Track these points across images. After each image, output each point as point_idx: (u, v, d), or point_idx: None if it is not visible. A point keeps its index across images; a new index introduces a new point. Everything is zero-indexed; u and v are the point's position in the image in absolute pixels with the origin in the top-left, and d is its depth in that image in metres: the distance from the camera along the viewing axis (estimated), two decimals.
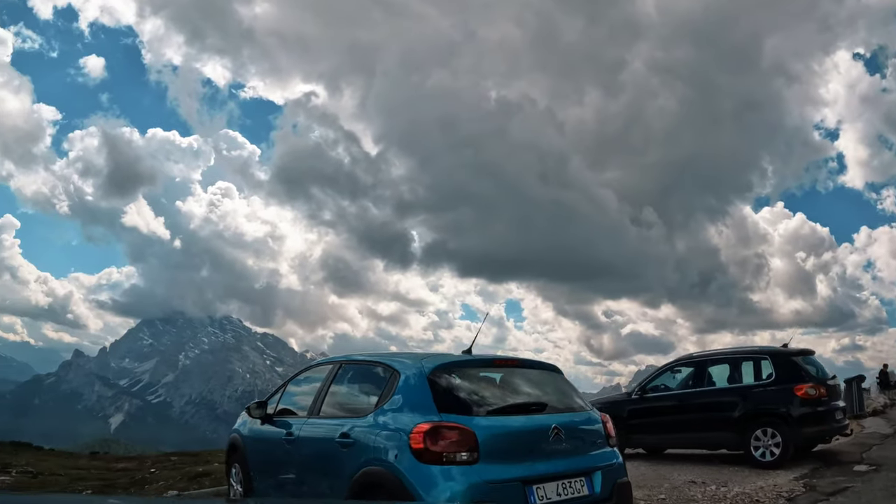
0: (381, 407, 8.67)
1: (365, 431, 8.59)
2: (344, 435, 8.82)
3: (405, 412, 8.35)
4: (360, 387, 10.03)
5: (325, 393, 10.10)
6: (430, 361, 8.84)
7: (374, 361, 9.87)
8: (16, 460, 34.78)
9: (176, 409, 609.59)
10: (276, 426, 10.85)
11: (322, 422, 9.72)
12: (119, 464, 36.72)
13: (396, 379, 8.77)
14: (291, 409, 10.97)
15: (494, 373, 9.32)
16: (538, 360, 9.90)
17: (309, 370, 11.62)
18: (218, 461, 28.76)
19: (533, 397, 9.07)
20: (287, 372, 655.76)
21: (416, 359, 9.08)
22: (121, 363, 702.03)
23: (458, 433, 7.88)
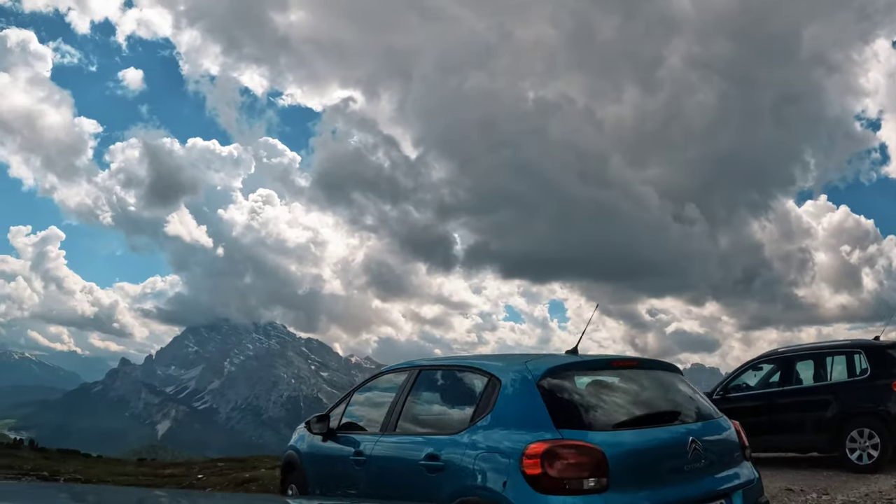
0: (479, 422, 7.29)
1: (459, 452, 7.22)
2: (431, 457, 7.52)
3: (511, 428, 6.96)
4: (447, 397, 8.73)
5: (401, 405, 8.70)
6: (536, 364, 7.46)
7: (464, 366, 8.54)
8: (64, 467, 34.36)
9: (222, 415, 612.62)
10: (340, 443, 9.53)
11: (400, 440, 8.44)
12: (166, 470, 35.99)
13: (495, 387, 7.38)
14: (358, 424, 9.71)
15: (608, 376, 7.87)
16: (657, 359, 8.34)
17: (378, 378, 10.23)
18: (265, 467, 28.01)
19: (662, 404, 7.78)
20: (333, 377, 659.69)
21: (516, 362, 7.71)
22: (167, 371, 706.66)
23: (582, 453, 6.46)
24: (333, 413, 10.15)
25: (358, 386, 10.53)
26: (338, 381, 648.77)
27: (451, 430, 7.62)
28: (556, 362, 7.52)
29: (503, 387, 7.33)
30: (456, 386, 8.56)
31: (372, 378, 10.32)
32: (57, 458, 44.65)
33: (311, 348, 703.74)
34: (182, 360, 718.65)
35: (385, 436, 8.64)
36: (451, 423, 8.02)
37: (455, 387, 8.57)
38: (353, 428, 9.61)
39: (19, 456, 48.97)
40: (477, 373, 8.00)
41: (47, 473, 32.23)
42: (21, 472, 33.74)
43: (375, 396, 9.89)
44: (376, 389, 10.02)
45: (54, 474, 30.58)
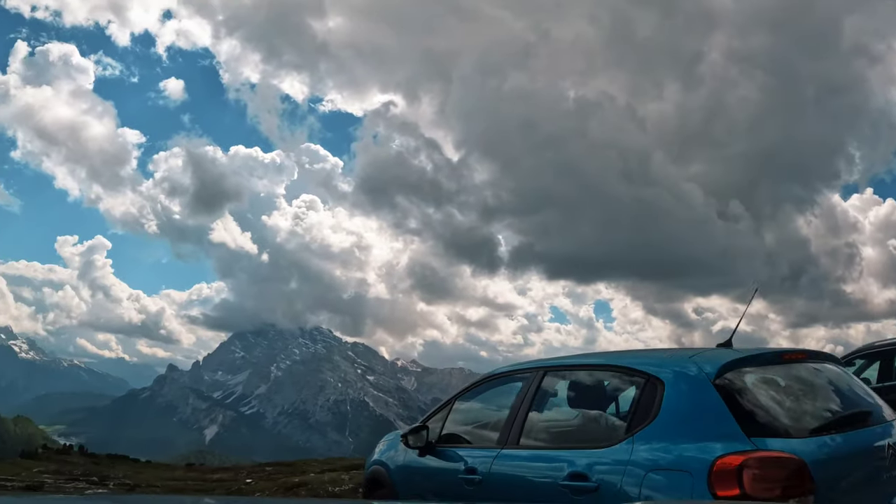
0: (639, 431, 5.96)
1: (616, 469, 5.89)
2: (577, 475, 6.15)
3: (686, 439, 5.72)
4: (586, 403, 7.51)
5: (524, 414, 7.40)
6: (705, 360, 6.28)
7: (606, 366, 7.42)
8: (113, 472, 33.96)
9: (269, 419, 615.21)
10: (444, 459, 8.28)
11: (529, 455, 7.13)
12: (214, 474, 35.37)
13: (656, 389, 6.08)
14: (464, 437, 8.45)
15: (777, 373, 6.58)
16: (821, 350, 7.12)
17: (486, 383, 8.79)
18: (313, 471, 27.33)
19: (851, 404, 6.49)
20: (379, 381, 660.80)
21: (677, 359, 6.57)
22: (214, 376, 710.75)
23: (783, 466, 5.32)
24: (432, 423, 8.82)
25: (460, 392, 9.18)
26: (384, 385, 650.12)
27: (600, 443, 6.32)
28: (728, 357, 6.31)
29: (668, 388, 6.09)
30: (598, 389, 7.47)
31: (478, 383, 8.99)
32: (106, 464, 44.34)
33: (357, 352, 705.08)
34: (229, 365, 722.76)
35: (507, 450, 7.32)
36: (597, 433, 6.89)
37: (597, 390, 7.48)
38: (458, 441, 8.42)
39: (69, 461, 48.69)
40: (627, 373, 6.79)
41: (97, 478, 31.69)
42: (71, 476, 33.25)
43: (485, 404, 8.86)
44: (485, 396, 8.85)
45: (104, 479, 30.06)
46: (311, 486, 21.15)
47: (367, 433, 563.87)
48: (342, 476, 29.34)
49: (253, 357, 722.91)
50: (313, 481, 21.51)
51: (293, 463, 40.20)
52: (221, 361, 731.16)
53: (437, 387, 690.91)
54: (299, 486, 22.67)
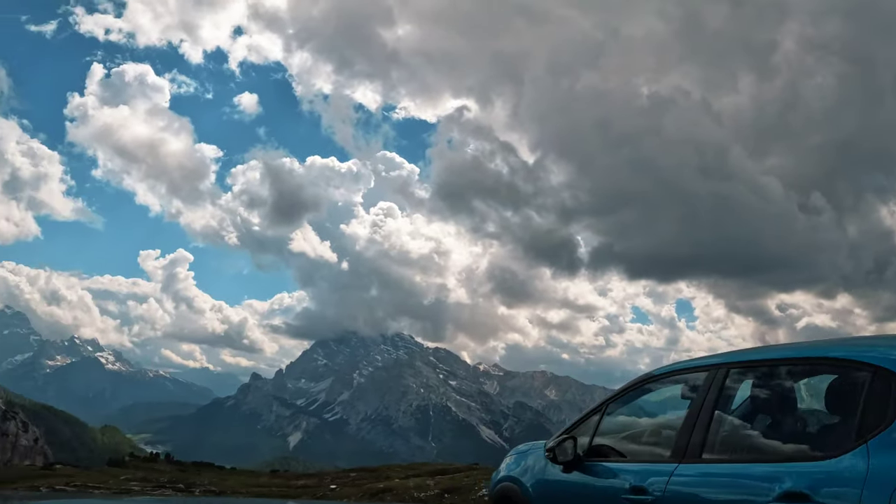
0: (874, 437, 4.76)
1: (848, 486, 4.68)
2: (793, 496, 4.93)
3: None
4: (789, 404, 6.15)
5: (705, 419, 6.18)
6: None
7: (811, 358, 5.97)
8: (199, 479, 34.20)
9: (352, 425, 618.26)
10: (598, 475, 7.10)
11: (721, 470, 5.86)
12: (299, 481, 35.39)
13: (891, 382, 4.88)
14: (619, 449, 7.28)
15: None
16: None
17: (647, 384, 7.57)
18: (397, 476, 27.07)
19: None
20: (461, 386, 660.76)
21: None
22: (297, 384, 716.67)
23: None
24: (579, 433, 7.74)
25: (612, 397, 7.94)
26: (466, 390, 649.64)
27: (820, 453, 5.07)
28: None
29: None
30: (805, 387, 6.22)
31: (633, 385, 7.73)
32: (192, 471, 44.83)
33: (439, 357, 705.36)
34: (312, 373, 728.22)
35: (686, 464, 6.08)
36: (814, 441, 5.64)
37: (803, 388, 6.21)
38: (612, 454, 7.27)
39: (156, 469, 49.36)
40: (841, 365, 5.49)
41: (183, 486, 31.89)
42: (158, 484, 33.51)
43: (644, 410, 7.82)
44: (644, 400, 7.71)
45: (190, 486, 30.23)
46: (395, 491, 20.99)
47: (450, 438, 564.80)
48: (427, 481, 29.22)
49: (335, 364, 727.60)
50: (398, 487, 21.33)
51: (377, 468, 40.14)
52: (304, 369, 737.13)
53: (520, 390, 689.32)
54: (384, 491, 22.51)
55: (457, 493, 36.94)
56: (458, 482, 54.46)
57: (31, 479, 77.04)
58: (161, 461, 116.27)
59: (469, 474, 60.43)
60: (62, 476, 74.67)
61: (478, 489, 53.31)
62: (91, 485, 28.99)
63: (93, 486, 27.59)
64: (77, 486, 34.43)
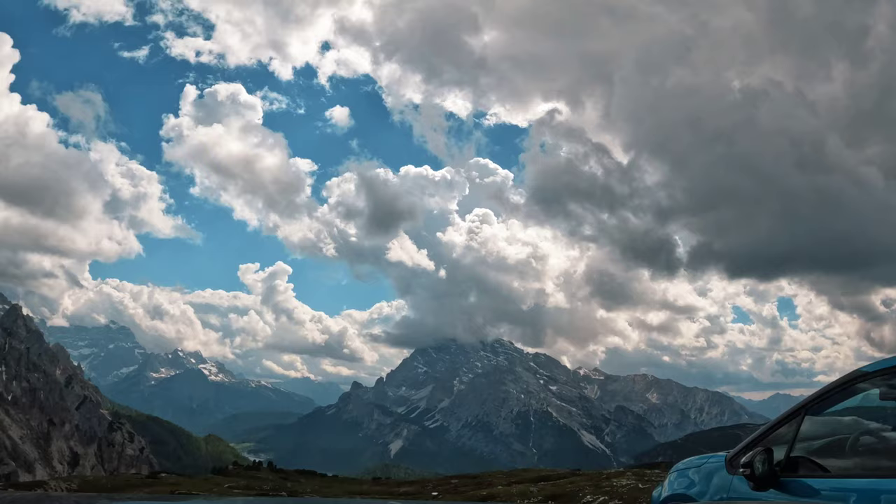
0: None
1: None
2: None
3: None
4: None
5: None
6: None
7: None
8: (301, 487, 34.08)
9: (452, 432, 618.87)
10: (802, 494, 5.90)
11: None
12: (400, 488, 35.09)
13: None
14: (825, 463, 6.04)
15: None
16: None
17: (856, 384, 6.08)
18: (500, 483, 26.53)
19: None
20: (562, 391, 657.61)
21: None
22: (397, 392, 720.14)
23: None
24: (772, 444, 6.58)
25: (813, 399, 6.52)
26: (567, 395, 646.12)
27: None
28: None
29: None
30: None
31: (842, 384, 6.21)
32: (294, 479, 44.90)
33: (539, 363, 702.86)
34: (412, 381, 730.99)
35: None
36: None
37: None
38: (815, 468, 6.06)
39: (258, 477, 49.57)
40: None
41: (286, 493, 31.79)
42: (260, 492, 33.46)
43: (857, 415, 6.33)
44: (855, 402, 6.26)
45: (292, 494, 30.09)
46: (499, 498, 20.56)
47: (551, 444, 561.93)
48: (530, 488, 28.71)
49: (435, 372, 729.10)
50: (501, 494, 20.89)
51: (478, 475, 39.72)
52: (405, 377, 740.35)
53: (620, 394, 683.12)
54: (487, 499, 22.11)
55: (561, 500, 36.31)
56: (562, 488, 53.78)
57: (136, 487, 78.31)
58: (264, 469, 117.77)
59: (572, 480, 59.69)
60: (167, 484, 75.82)
61: (582, 496, 52.53)
62: (195, 492, 28.97)
63: (195, 493, 27.56)
64: (181, 493, 34.53)
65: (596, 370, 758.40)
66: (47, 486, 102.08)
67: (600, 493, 61.58)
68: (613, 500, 55.08)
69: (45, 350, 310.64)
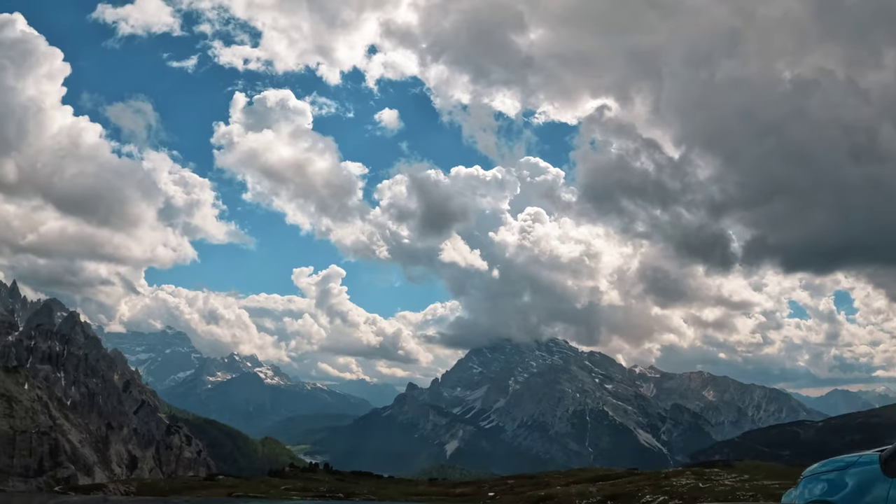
0: None
1: None
2: None
3: None
4: None
5: None
6: None
7: None
8: (357, 489, 34.06)
9: (508, 432, 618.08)
10: None
11: None
12: (456, 489, 34.87)
13: None
14: None
15: None
16: None
17: None
18: (558, 483, 26.13)
19: None
20: (617, 389, 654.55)
21: None
22: (452, 392, 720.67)
23: None
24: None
25: None
26: (622, 393, 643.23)
27: None
28: None
29: None
30: None
31: None
32: (350, 480, 44.81)
33: (594, 361, 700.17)
34: (467, 381, 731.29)
35: None
36: None
37: None
38: None
39: (315, 479, 49.50)
40: None
41: (342, 494, 31.62)
42: (317, 493, 33.33)
43: None
44: None
45: (349, 496, 29.94)
46: (557, 499, 20.18)
47: (607, 443, 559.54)
48: (589, 488, 28.28)
49: (490, 372, 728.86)
50: (559, 494, 20.53)
51: (535, 475, 39.44)
52: (460, 378, 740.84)
53: (677, 392, 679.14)
54: (545, 499, 21.74)
55: (620, 500, 35.83)
56: (621, 488, 53.25)
57: (194, 489, 78.72)
58: (320, 471, 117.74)
59: (631, 480, 59.10)
60: (224, 486, 76.16)
61: (641, 495, 51.88)
62: (252, 494, 28.96)
63: (252, 495, 27.51)
64: (239, 495, 34.53)
65: (651, 368, 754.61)
66: (106, 490, 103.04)
67: (660, 492, 60.87)
68: (673, 500, 54.42)
69: (103, 356, 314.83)
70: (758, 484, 70.32)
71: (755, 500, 56.77)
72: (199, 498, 63.86)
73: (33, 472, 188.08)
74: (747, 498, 61.26)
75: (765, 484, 69.70)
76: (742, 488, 66.94)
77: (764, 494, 61.61)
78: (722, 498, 62.13)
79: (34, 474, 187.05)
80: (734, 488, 67.93)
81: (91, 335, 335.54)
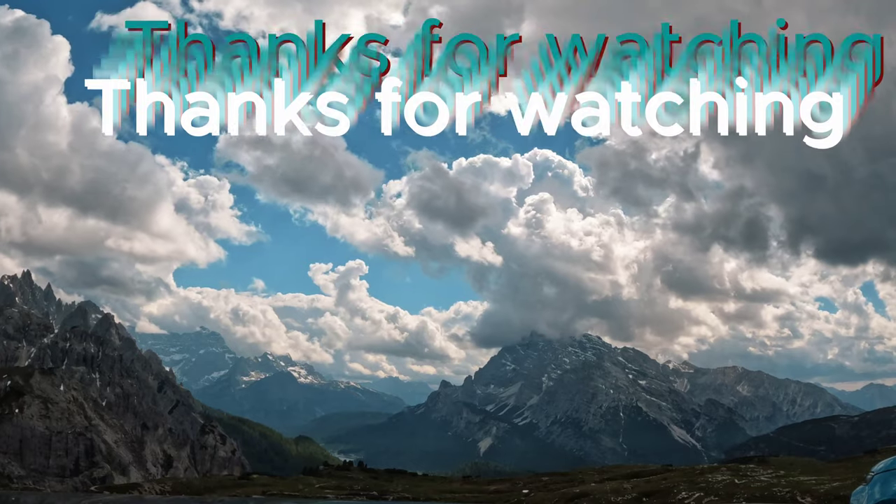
0: None
1: None
2: None
3: None
4: None
5: None
6: None
7: None
8: (391, 487, 34.24)
9: (542, 429, 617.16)
10: None
11: None
12: (491, 486, 34.97)
13: None
14: None
15: None
16: None
17: None
18: (592, 480, 26.19)
19: None
20: (651, 385, 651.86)
21: None
22: (486, 390, 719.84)
23: None
24: None
25: None
26: (656, 389, 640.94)
27: None
28: None
29: None
30: None
31: None
32: (385, 478, 44.99)
33: (628, 357, 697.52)
34: (500, 378, 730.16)
35: None
36: None
37: None
38: None
39: (349, 477, 49.72)
40: None
41: (376, 493, 31.74)
42: (351, 492, 33.48)
43: None
44: None
45: (383, 494, 30.06)
46: (592, 496, 20.20)
47: (642, 439, 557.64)
48: (623, 485, 28.22)
49: (524, 369, 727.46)
50: (594, 491, 20.52)
51: (569, 472, 39.47)
52: (493, 375, 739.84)
53: (711, 387, 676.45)
54: (580, 496, 21.75)
55: (656, 497, 35.73)
56: (656, 485, 53.12)
57: (228, 488, 79.25)
58: (354, 469, 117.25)
59: (665, 476, 58.94)
60: (259, 485, 76.64)
61: (676, 492, 51.74)
62: (287, 493, 29.18)
63: (287, 493, 27.72)
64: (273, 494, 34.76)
65: (685, 363, 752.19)
66: (141, 489, 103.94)
67: (695, 489, 60.68)
68: (709, 497, 54.23)
69: (138, 357, 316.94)
70: (794, 480, 69.98)
71: (792, 497, 56.50)
72: (234, 497, 64.55)
73: (69, 472, 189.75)
74: (784, 494, 61.03)
75: (801, 480, 69.35)
76: (778, 484, 66.64)
77: (801, 490, 61.32)
78: (758, 494, 61.91)
79: (70, 474, 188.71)
80: (770, 484, 67.62)
81: (126, 336, 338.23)
